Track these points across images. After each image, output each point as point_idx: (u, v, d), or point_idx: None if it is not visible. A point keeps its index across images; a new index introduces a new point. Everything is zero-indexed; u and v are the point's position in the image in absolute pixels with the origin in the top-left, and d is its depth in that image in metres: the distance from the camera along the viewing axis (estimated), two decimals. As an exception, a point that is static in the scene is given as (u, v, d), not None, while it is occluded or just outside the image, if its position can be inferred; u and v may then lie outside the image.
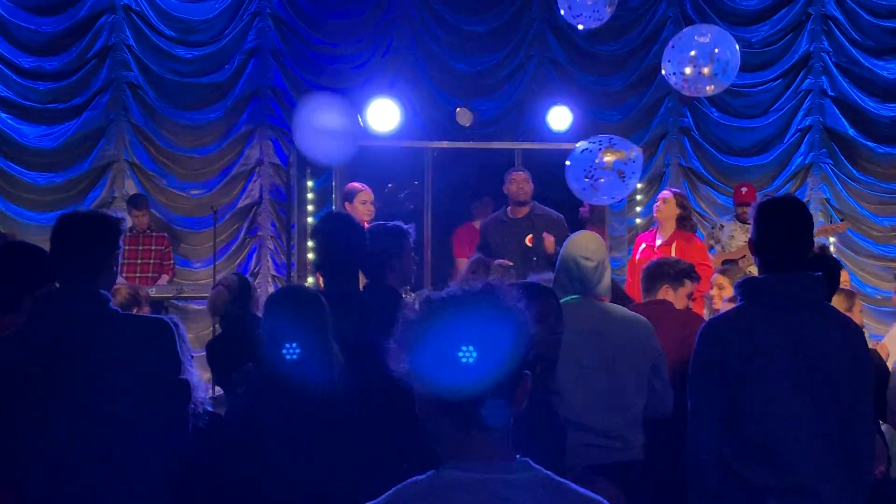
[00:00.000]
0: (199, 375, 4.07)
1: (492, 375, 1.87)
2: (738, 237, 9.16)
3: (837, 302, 5.14)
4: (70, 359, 3.30)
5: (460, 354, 1.85)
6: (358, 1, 11.43)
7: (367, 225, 7.59)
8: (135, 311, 5.48)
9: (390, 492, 1.96)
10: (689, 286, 5.51)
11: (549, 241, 8.01)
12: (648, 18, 11.76)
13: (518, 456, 1.96)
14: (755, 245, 3.69)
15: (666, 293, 5.43)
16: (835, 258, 5.12)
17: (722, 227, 9.44)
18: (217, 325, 6.71)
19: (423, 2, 11.53)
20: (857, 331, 3.73)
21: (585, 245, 4.61)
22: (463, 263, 9.17)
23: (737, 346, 3.55)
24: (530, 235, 8.12)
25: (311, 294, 4.03)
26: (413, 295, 8.25)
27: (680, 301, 5.43)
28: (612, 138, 6.97)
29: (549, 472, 1.96)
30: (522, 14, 11.67)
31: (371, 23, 11.46)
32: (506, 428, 1.94)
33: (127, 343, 3.39)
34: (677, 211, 8.24)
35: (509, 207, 8.50)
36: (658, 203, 8.34)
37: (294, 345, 3.75)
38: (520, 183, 8.44)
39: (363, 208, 8.24)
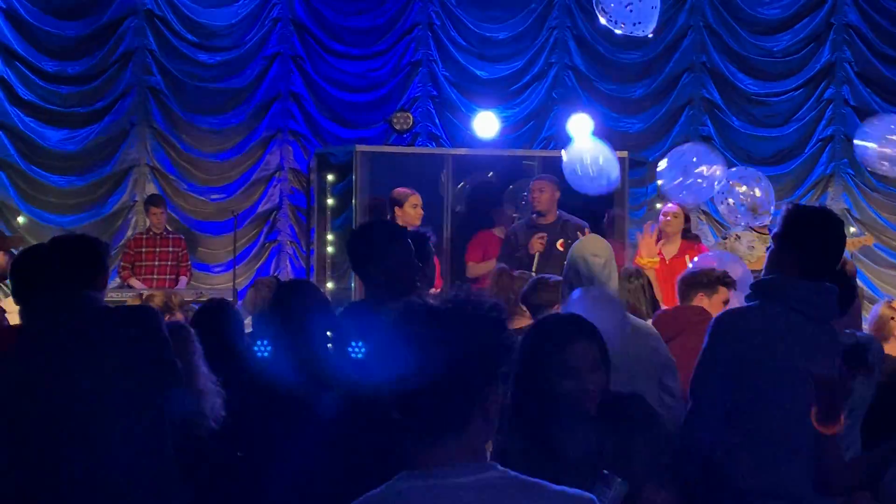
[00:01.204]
0: (216, 381, 4.07)
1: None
2: (758, 248, 9.06)
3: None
4: (64, 357, 3.43)
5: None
6: (379, 7, 11.46)
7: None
8: (167, 318, 5.54)
9: None
10: (723, 293, 5.56)
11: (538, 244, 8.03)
12: (670, 27, 11.74)
13: (489, 462, 1.95)
14: (790, 245, 3.66)
15: (701, 300, 5.49)
16: (851, 278, 5.10)
17: (738, 237, 9.28)
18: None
19: (444, 8, 11.56)
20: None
21: (593, 244, 4.68)
22: (473, 268, 9.16)
23: (751, 344, 3.55)
24: (561, 240, 8.10)
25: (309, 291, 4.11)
26: None
27: (715, 307, 5.43)
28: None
29: (518, 474, 1.93)
30: (544, 21, 11.67)
31: (392, 29, 11.50)
32: (467, 438, 1.92)
33: (110, 332, 3.52)
34: (684, 224, 8.26)
35: (535, 214, 8.44)
36: (668, 217, 8.31)
37: (265, 342, 3.81)
38: (533, 193, 8.39)
39: (414, 212, 8.26)
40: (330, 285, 9.78)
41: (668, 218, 8.27)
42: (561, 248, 8.06)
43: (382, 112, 10.75)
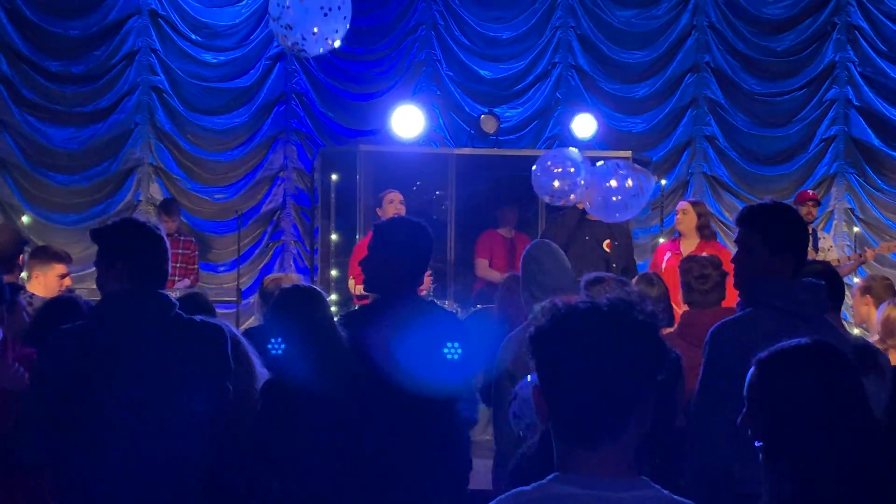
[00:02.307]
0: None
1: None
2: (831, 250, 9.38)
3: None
4: (129, 356, 3.40)
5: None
6: (383, 7, 11.46)
7: None
8: None
9: (494, 501, 1.93)
10: None
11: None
12: (674, 27, 11.75)
13: (643, 477, 1.91)
14: (772, 246, 3.61)
15: None
16: (839, 276, 5.05)
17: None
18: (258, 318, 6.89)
19: (448, 8, 11.57)
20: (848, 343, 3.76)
21: (546, 261, 4.74)
22: (482, 264, 9.17)
23: (752, 352, 3.52)
24: (608, 241, 8.03)
25: (314, 294, 4.10)
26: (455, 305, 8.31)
27: None
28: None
29: (669, 493, 1.89)
30: (547, 21, 11.68)
31: (396, 29, 11.50)
32: (622, 446, 1.89)
33: (183, 346, 3.49)
34: (697, 220, 8.26)
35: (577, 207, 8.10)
36: (678, 215, 8.38)
37: (279, 340, 3.83)
38: None
39: (391, 208, 8.29)
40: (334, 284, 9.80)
41: (678, 216, 8.36)
42: (608, 249, 8.03)
43: (386, 112, 10.73)
